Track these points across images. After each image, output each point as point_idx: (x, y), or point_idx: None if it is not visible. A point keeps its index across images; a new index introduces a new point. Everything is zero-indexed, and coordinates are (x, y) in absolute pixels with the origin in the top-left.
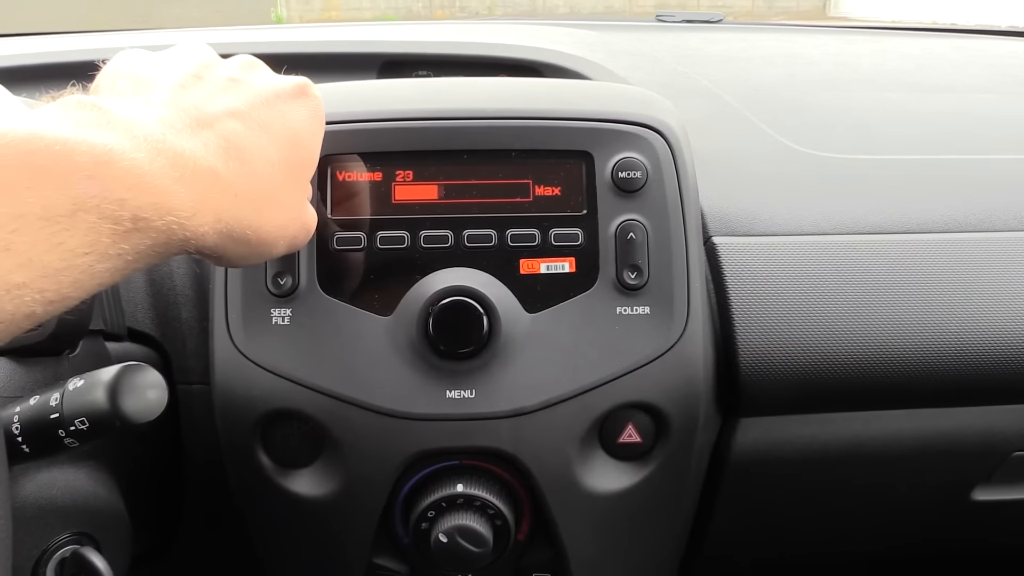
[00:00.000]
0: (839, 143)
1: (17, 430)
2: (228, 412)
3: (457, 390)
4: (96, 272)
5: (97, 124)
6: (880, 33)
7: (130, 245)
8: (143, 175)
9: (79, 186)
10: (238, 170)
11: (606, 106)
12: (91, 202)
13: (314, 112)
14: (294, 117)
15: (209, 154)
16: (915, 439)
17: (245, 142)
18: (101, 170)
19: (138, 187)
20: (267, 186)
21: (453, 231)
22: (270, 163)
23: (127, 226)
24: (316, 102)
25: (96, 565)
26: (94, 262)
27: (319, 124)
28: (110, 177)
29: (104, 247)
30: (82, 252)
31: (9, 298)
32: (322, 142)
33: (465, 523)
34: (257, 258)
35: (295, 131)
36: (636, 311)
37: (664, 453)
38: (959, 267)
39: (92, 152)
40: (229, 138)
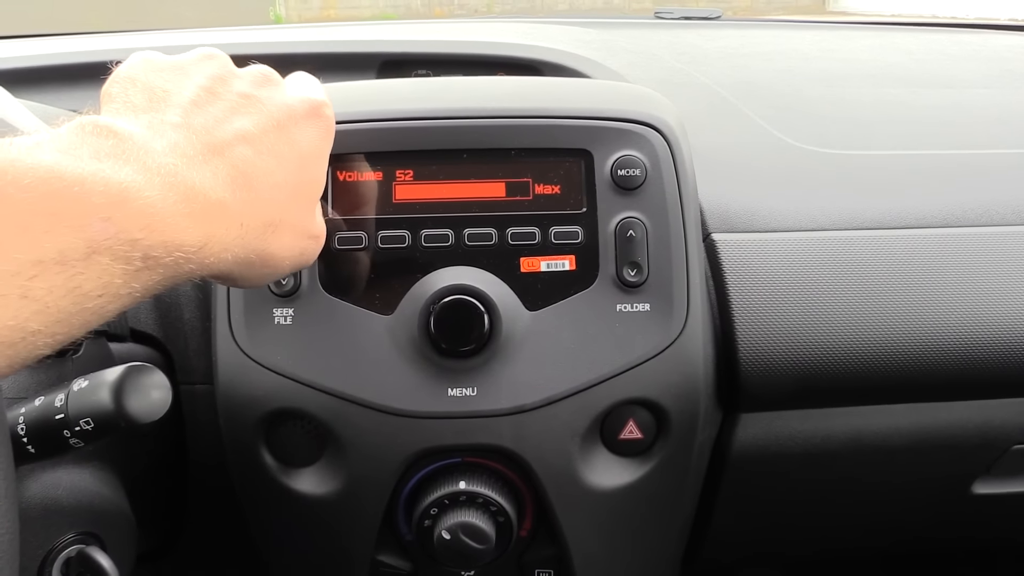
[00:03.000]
0: (837, 139)
1: (23, 431)
2: (231, 412)
3: (459, 388)
4: (107, 312)
5: (113, 155)
6: (878, 28)
7: (140, 284)
8: (155, 214)
9: (94, 228)
10: (245, 198)
11: (605, 104)
12: (105, 244)
13: (325, 133)
14: (304, 139)
15: (219, 185)
16: (915, 433)
17: (254, 169)
18: (116, 212)
19: (150, 227)
20: (273, 212)
21: (454, 230)
22: (277, 187)
23: (138, 265)
24: (327, 122)
25: (101, 564)
26: (106, 303)
27: (328, 143)
28: (124, 218)
29: (116, 288)
30: (95, 295)
31: (24, 344)
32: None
33: (468, 520)
34: (264, 279)
35: (303, 154)
36: (636, 308)
37: (665, 449)
38: (958, 262)
39: (108, 192)
40: (238, 166)
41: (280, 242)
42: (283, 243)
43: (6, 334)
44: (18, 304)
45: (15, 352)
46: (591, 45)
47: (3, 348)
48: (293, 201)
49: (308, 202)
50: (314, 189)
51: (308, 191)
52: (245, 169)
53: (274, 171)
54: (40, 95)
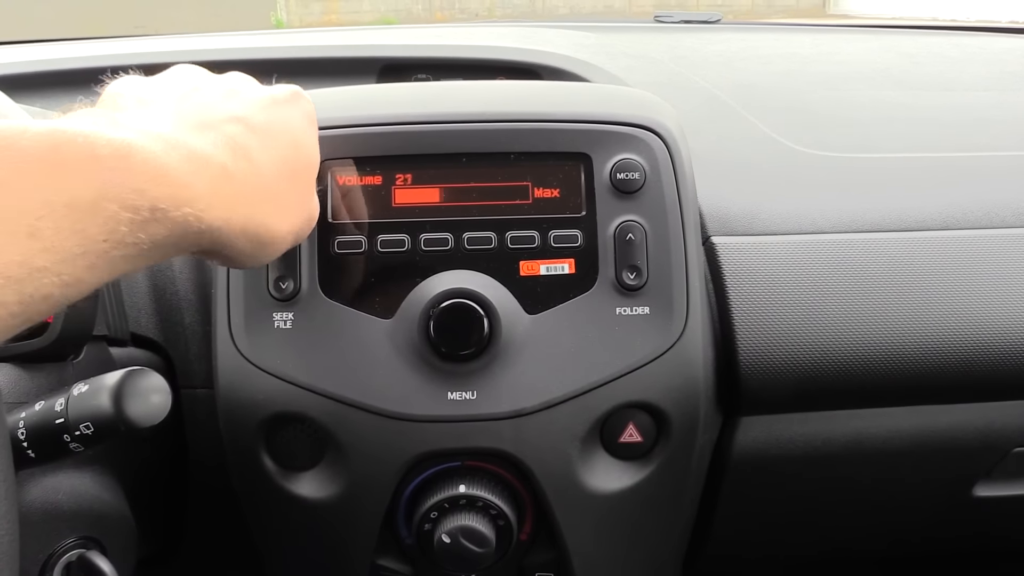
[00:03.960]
0: (837, 142)
1: (23, 435)
2: (231, 416)
3: (458, 391)
4: (112, 258)
5: (111, 124)
6: (878, 31)
7: (147, 235)
8: (160, 166)
9: (101, 176)
10: (246, 168)
11: (604, 108)
12: (113, 191)
13: (308, 115)
14: (291, 120)
15: (218, 151)
16: (916, 436)
17: (248, 142)
18: (122, 162)
19: (156, 178)
20: (273, 184)
21: (453, 234)
22: (273, 163)
23: (145, 216)
24: (308, 106)
25: (102, 569)
26: (110, 249)
27: (313, 126)
28: (130, 169)
29: (122, 235)
30: (100, 239)
31: (30, 280)
32: (322, 147)
33: (468, 524)
34: (265, 256)
35: (293, 133)
36: (636, 311)
37: (665, 452)
38: (958, 264)
39: (112, 145)
40: (234, 138)
41: (282, 216)
42: (284, 217)
43: (14, 270)
44: (25, 242)
45: (22, 288)
46: (590, 49)
47: (12, 283)
48: (291, 178)
49: (305, 181)
50: (310, 168)
51: (304, 171)
52: (241, 142)
53: (269, 148)
54: (40, 100)
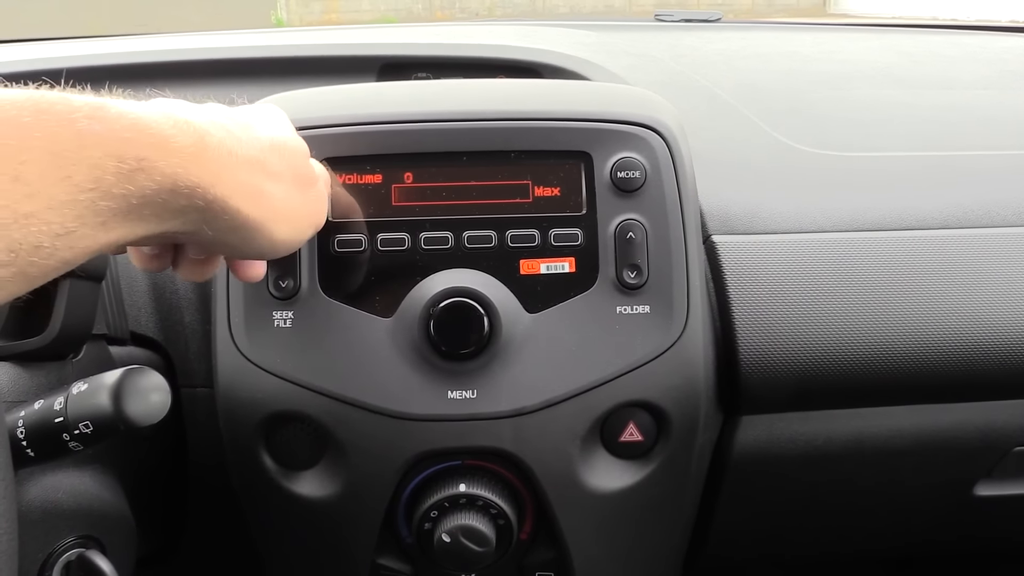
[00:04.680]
0: (838, 140)
1: (22, 434)
2: (231, 415)
3: (459, 390)
4: (99, 209)
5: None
6: (878, 30)
7: (135, 186)
8: (140, 119)
9: (81, 124)
10: (231, 138)
11: (604, 106)
12: (95, 139)
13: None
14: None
15: (203, 120)
16: (916, 435)
17: (238, 128)
18: (100, 112)
19: (137, 128)
20: (263, 159)
21: (453, 232)
22: (262, 145)
23: (132, 165)
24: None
25: (101, 568)
26: (98, 198)
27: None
28: (110, 119)
29: (108, 185)
30: (87, 187)
31: (17, 226)
32: (323, 145)
33: (468, 523)
34: (266, 247)
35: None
36: (636, 310)
37: (665, 451)
38: (958, 263)
39: (87, 100)
40: (219, 123)
41: (278, 197)
42: (281, 208)
43: (2, 214)
44: (10, 186)
45: (9, 234)
46: (591, 47)
47: (1, 230)
48: (280, 152)
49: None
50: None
51: (301, 171)
52: (228, 125)
53: (259, 135)
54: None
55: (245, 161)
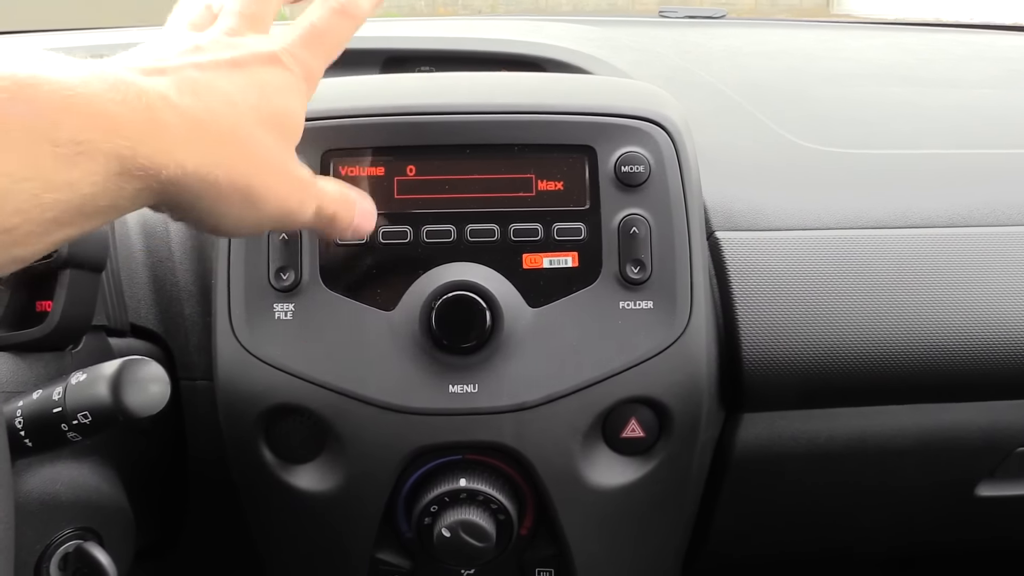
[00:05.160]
0: (842, 138)
1: (20, 424)
2: (231, 407)
3: (460, 385)
4: (44, 202)
5: (18, 54)
6: (883, 28)
7: (80, 173)
8: (76, 94)
9: (2, 106)
10: (192, 103)
11: (608, 100)
12: (17, 122)
13: (289, 77)
14: (264, 76)
15: (160, 88)
16: (919, 434)
17: (203, 84)
18: (27, 92)
19: (70, 107)
20: (231, 123)
21: (456, 226)
22: (233, 104)
23: (71, 149)
24: (290, 69)
25: (100, 560)
26: (38, 190)
27: (296, 88)
28: (35, 98)
29: (47, 172)
30: (21, 177)
31: None
32: (325, 137)
33: (468, 518)
34: (251, 221)
35: (263, 86)
36: (639, 305)
37: (667, 448)
38: (963, 262)
39: (14, 76)
40: (184, 79)
41: (260, 176)
42: (264, 178)
43: None
44: None
45: None
46: (595, 43)
47: None
48: (260, 127)
49: (279, 133)
50: (284, 120)
51: (277, 121)
52: (193, 81)
53: (229, 91)
54: None
55: (209, 133)
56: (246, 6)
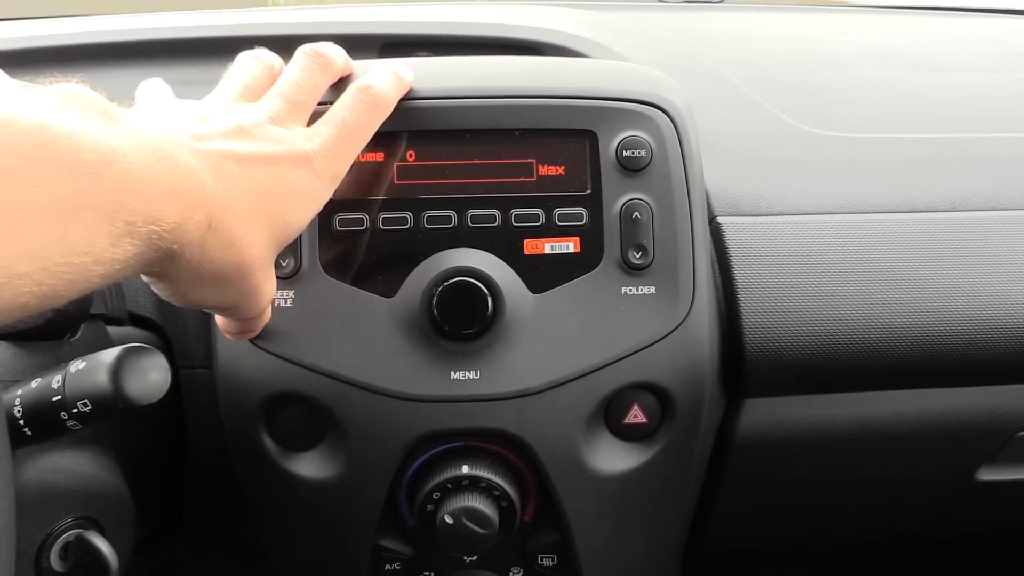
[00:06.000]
0: (844, 122)
1: (19, 413)
2: (231, 395)
3: (462, 371)
4: (90, 275)
5: (99, 120)
6: (885, 12)
7: (121, 250)
8: (140, 179)
9: (83, 182)
10: (219, 196)
11: (610, 84)
12: (92, 200)
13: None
14: (287, 177)
15: (202, 170)
16: (920, 419)
17: (232, 174)
18: (104, 170)
19: (134, 190)
20: (242, 226)
21: (456, 211)
22: (249, 207)
23: (121, 229)
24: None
25: (100, 549)
26: (90, 263)
27: (314, 193)
28: (111, 178)
29: (101, 249)
30: (82, 251)
31: (9, 287)
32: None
33: (471, 504)
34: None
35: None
36: (641, 291)
37: (670, 434)
38: (965, 246)
39: (97, 150)
40: (219, 167)
41: (237, 274)
42: (239, 278)
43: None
44: (6, 244)
45: (1, 292)
46: (595, 27)
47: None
48: (263, 228)
49: (274, 238)
50: (285, 227)
51: (279, 225)
52: (227, 174)
53: (252, 191)
54: (40, 77)
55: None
56: (296, 93)
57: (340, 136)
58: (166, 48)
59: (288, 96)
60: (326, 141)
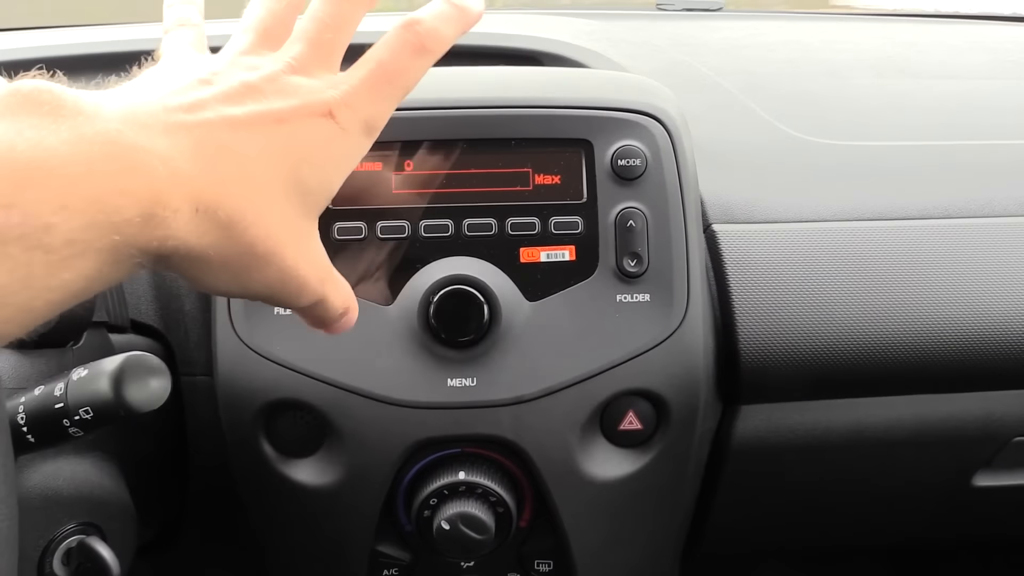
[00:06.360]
0: (839, 130)
1: (22, 420)
2: (231, 402)
3: (458, 378)
4: (35, 308)
5: (38, 124)
6: (881, 20)
7: (73, 274)
8: (76, 192)
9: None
10: (205, 178)
11: (605, 94)
12: (11, 233)
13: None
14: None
15: (174, 154)
16: (916, 425)
17: (227, 149)
18: (21, 196)
19: (67, 206)
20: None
21: (453, 220)
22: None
23: (64, 252)
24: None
25: (102, 555)
26: (30, 299)
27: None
28: (33, 203)
29: (41, 281)
30: (13, 291)
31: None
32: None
33: (467, 510)
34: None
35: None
36: (636, 298)
37: (665, 440)
38: (959, 253)
39: (13, 175)
40: (206, 141)
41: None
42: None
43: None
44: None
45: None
46: (592, 36)
47: None
48: (280, 199)
49: (302, 206)
50: (310, 191)
51: (302, 191)
52: (217, 146)
53: (254, 158)
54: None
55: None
56: (322, 32)
57: (374, 80)
58: None
59: (312, 37)
60: (355, 87)
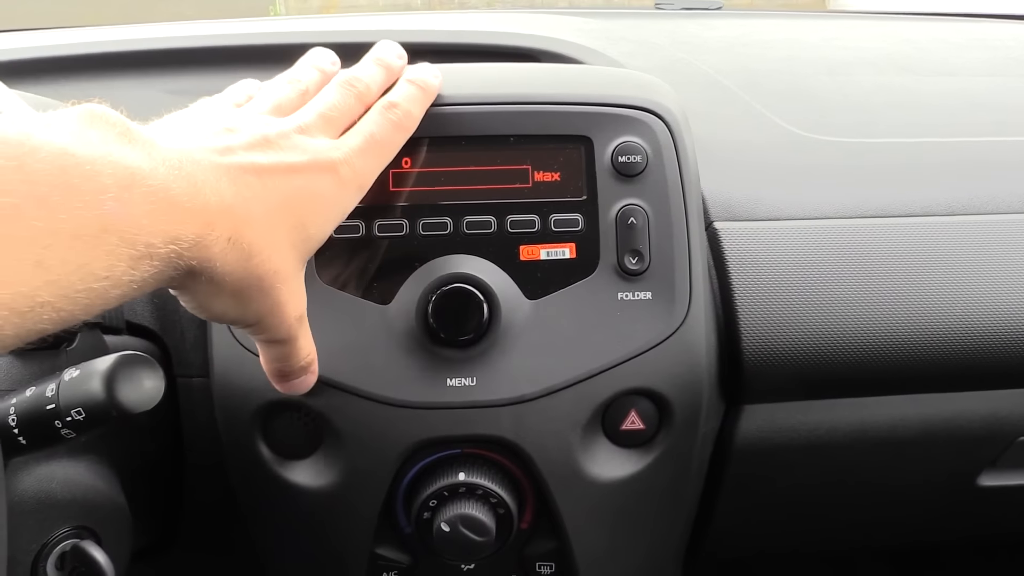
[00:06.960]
0: (840, 127)
1: (13, 422)
2: (227, 403)
3: (458, 378)
4: (108, 297)
5: (119, 141)
6: (881, 18)
7: (139, 272)
8: (159, 201)
9: (105, 207)
10: (239, 210)
11: (605, 90)
12: (114, 224)
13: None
14: (312, 187)
15: (221, 187)
16: (920, 425)
17: (253, 186)
18: (125, 193)
19: (154, 212)
20: (261, 239)
21: (452, 218)
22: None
23: (141, 251)
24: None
25: (97, 559)
26: (110, 287)
27: (338, 200)
28: (131, 201)
29: (120, 272)
30: (102, 276)
31: (32, 315)
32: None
33: (467, 512)
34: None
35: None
36: (637, 296)
37: (667, 440)
38: (963, 250)
39: (116, 174)
40: (240, 183)
41: (259, 287)
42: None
43: (19, 301)
44: (32, 271)
45: (22, 322)
46: (590, 34)
47: (13, 316)
48: (285, 239)
49: (300, 247)
50: (309, 236)
51: (304, 235)
52: (247, 185)
53: (274, 202)
54: (38, 87)
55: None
56: (330, 110)
57: (367, 147)
58: (169, 58)
59: (320, 111)
60: (352, 150)
